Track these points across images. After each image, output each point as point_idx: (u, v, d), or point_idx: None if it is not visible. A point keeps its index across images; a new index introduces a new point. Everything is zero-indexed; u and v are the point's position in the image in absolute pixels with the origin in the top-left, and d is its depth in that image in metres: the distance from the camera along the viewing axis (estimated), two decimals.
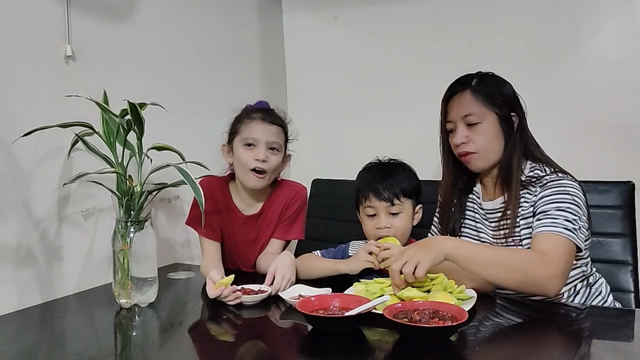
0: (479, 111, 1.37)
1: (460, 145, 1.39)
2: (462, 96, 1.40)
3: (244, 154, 1.50)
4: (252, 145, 1.50)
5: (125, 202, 1.28)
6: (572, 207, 1.28)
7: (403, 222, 1.42)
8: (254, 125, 1.51)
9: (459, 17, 2.09)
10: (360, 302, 1.13)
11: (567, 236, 1.25)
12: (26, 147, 1.35)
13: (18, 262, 1.37)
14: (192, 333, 1.20)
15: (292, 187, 1.61)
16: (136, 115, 1.25)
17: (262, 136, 1.50)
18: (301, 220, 1.61)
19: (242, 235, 1.58)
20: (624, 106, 1.86)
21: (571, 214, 1.27)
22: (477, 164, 1.40)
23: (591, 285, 1.41)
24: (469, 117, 1.37)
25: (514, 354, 1.02)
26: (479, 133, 1.37)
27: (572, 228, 1.26)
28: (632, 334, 1.15)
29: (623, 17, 1.85)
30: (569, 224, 1.26)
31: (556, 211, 1.28)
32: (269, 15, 2.34)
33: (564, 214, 1.28)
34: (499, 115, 1.38)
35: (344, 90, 2.32)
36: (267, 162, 1.49)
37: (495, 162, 1.40)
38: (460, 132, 1.39)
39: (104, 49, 1.58)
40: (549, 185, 1.33)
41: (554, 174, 1.36)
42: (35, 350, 1.10)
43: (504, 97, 1.40)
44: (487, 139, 1.37)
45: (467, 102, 1.39)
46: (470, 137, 1.38)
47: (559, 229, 1.25)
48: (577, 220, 1.27)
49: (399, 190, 1.41)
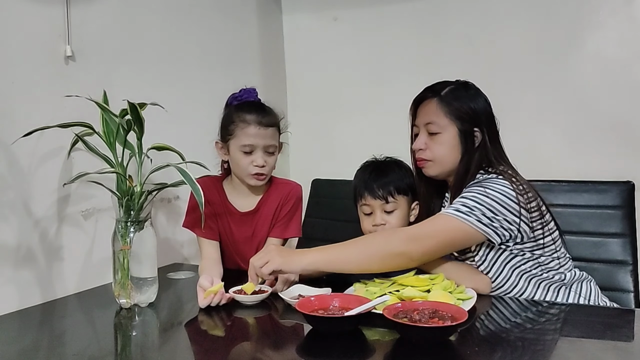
0: (441, 121, 1.39)
1: (417, 152, 1.43)
2: (429, 103, 1.42)
3: (242, 160, 1.50)
4: (250, 152, 1.50)
5: (125, 202, 1.28)
6: (478, 197, 1.28)
7: (398, 219, 1.42)
8: (250, 130, 1.49)
9: (459, 17, 2.09)
10: (360, 302, 1.13)
11: (454, 215, 1.26)
12: (26, 147, 1.35)
13: (18, 262, 1.37)
14: (191, 333, 1.20)
15: (287, 185, 1.61)
16: (136, 115, 1.26)
17: (260, 142, 1.50)
18: (298, 218, 1.62)
19: (239, 232, 1.58)
20: (624, 106, 1.86)
21: (471, 201, 1.28)
22: (430, 171, 1.42)
23: (569, 285, 1.39)
24: (430, 126, 1.40)
25: (513, 354, 1.02)
26: (437, 142, 1.39)
27: (467, 212, 1.26)
28: (632, 333, 1.15)
29: (623, 17, 1.85)
30: (463, 207, 1.27)
31: (457, 199, 1.31)
32: (269, 15, 2.34)
33: (461, 200, 1.29)
34: (460, 129, 1.38)
35: (344, 90, 2.32)
36: (266, 166, 1.51)
37: (450, 172, 1.41)
38: (420, 138, 1.42)
39: (103, 49, 1.58)
40: (471, 184, 1.35)
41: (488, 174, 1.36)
42: (35, 350, 1.10)
43: (470, 112, 1.39)
44: (444, 149, 1.39)
45: (432, 111, 1.40)
46: (428, 144, 1.40)
47: (448, 210, 1.28)
48: (478, 208, 1.26)
49: (393, 188, 1.42)
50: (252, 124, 1.49)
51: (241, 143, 1.49)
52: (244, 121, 1.50)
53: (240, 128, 1.50)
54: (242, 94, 1.57)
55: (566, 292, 1.38)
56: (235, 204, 1.59)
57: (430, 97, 1.42)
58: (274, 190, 1.60)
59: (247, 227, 1.59)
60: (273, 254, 1.28)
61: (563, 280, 1.38)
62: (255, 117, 1.50)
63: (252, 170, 1.50)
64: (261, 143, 1.50)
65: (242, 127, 1.50)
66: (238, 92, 1.57)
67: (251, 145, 1.49)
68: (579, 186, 1.61)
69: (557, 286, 1.37)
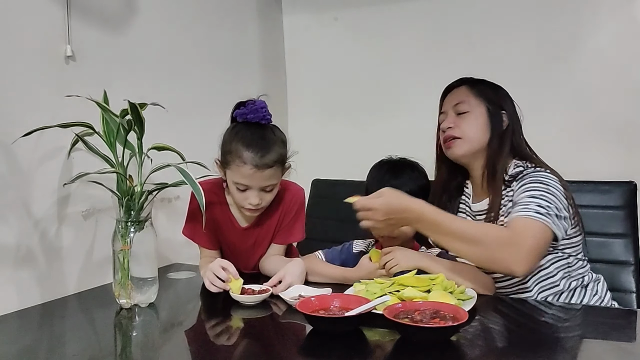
0: (470, 100, 1.43)
1: (446, 130, 1.44)
2: (457, 89, 1.48)
3: (236, 195, 1.42)
4: (244, 190, 1.41)
5: (126, 202, 1.28)
6: (546, 195, 1.28)
7: None
8: (246, 171, 1.37)
9: (459, 18, 2.09)
10: (361, 302, 1.13)
11: (540, 219, 1.24)
12: (26, 147, 1.35)
13: (18, 262, 1.37)
14: (192, 333, 1.20)
15: (288, 192, 1.53)
16: (136, 115, 1.25)
17: (255, 183, 1.39)
18: (301, 222, 1.57)
19: (240, 243, 1.55)
20: (625, 106, 1.85)
21: (544, 201, 1.27)
22: (457, 150, 1.43)
23: (585, 286, 1.40)
24: (460, 106, 1.43)
25: (514, 354, 1.02)
26: (466, 120, 1.42)
27: (545, 213, 1.25)
28: (635, 334, 1.14)
29: (623, 17, 1.85)
30: (540, 209, 1.26)
31: (528, 199, 1.29)
32: (269, 16, 2.34)
33: (536, 200, 1.28)
34: (489, 109, 1.42)
35: (344, 91, 2.32)
36: (262, 202, 1.43)
37: (477, 152, 1.42)
38: (449, 118, 1.45)
39: (104, 49, 1.58)
40: (524, 177, 1.34)
41: (533, 168, 1.36)
42: (35, 350, 1.10)
43: (498, 96, 1.45)
44: (474, 127, 1.41)
45: (461, 92, 1.46)
46: (457, 123, 1.43)
47: (530, 213, 1.26)
48: (551, 207, 1.26)
49: (405, 192, 1.40)
50: (248, 164, 1.36)
51: (235, 180, 1.40)
52: (240, 158, 1.37)
53: (236, 164, 1.38)
54: (248, 113, 1.42)
55: (583, 292, 1.39)
56: (236, 216, 1.53)
57: (458, 84, 1.49)
58: (273, 204, 1.50)
59: (249, 238, 1.55)
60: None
61: (583, 281, 1.39)
62: (252, 157, 1.36)
63: (246, 205, 1.43)
64: (257, 185, 1.39)
65: (238, 164, 1.38)
66: (245, 107, 1.43)
67: (245, 185, 1.40)
68: (581, 186, 1.60)
69: (578, 286, 1.37)
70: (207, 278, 1.36)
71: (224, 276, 1.33)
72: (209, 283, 1.35)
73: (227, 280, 1.33)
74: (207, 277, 1.36)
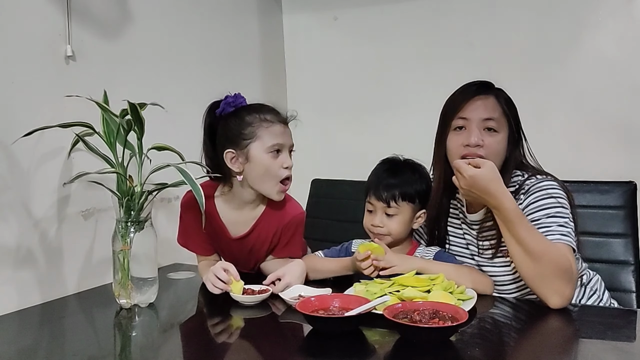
0: (500, 119, 1.33)
1: (474, 147, 1.31)
2: (486, 99, 1.34)
3: (272, 164, 1.39)
4: (279, 152, 1.40)
5: (126, 202, 1.28)
6: (561, 211, 1.27)
7: (397, 225, 1.40)
8: (277, 129, 1.39)
9: (459, 18, 2.09)
10: (360, 302, 1.13)
11: (567, 242, 1.24)
12: (26, 147, 1.35)
13: (18, 262, 1.37)
14: (191, 333, 1.20)
15: (287, 214, 1.47)
16: (136, 115, 1.25)
17: (287, 140, 1.41)
18: (299, 238, 1.52)
19: (237, 249, 1.52)
20: (625, 106, 1.85)
21: (562, 218, 1.26)
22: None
23: (585, 285, 1.40)
24: (490, 122, 1.31)
25: (513, 354, 1.02)
26: (493, 142, 1.32)
27: (567, 232, 1.25)
28: (634, 334, 1.14)
29: (623, 17, 1.85)
30: (563, 229, 1.25)
31: (547, 219, 1.26)
32: (269, 15, 2.34)
33: (555, 220, 1.26)
34: (510, 131, 1.34)
35: (344, 91, 2.32)
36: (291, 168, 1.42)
37: None
38: (475, 132, 1.31)
39: (104, 49, 1.58)
40: (531, 190, 1.31)
41: (533, 177, 1.34)
42: (35, 350, 1.10)
43: (517, 116, 1.37)
44: (499, 149, 1.32)
45: (490, 106, 1.33)
46: (485, 142, 1.31)
47: (556, 237, 1.23)
48: (567, 222, 1.26)
49: (399, 193, 1.39)
50: (275, 122, 1.40)
51: (268, 144, 1.38)
52: (266, 120, 1.40)
53: (264, 127, 1.39)
54: (236, 99, 1.44)
55: (582, 291, 1.39)
56: (228, 223, 1.48)
57: (486, 92, 1.35)
58: (272, 215, 1.47)
59: (243, 247, 1.51)
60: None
61: (582, 279, 1.39)
62: (276, 116, 1.42)
63: (283, 174, 1.40)
64: (288, 142, 1.42)
65: (267, 127, 1.39)
66: (230, 97, 1.44)
67: (280, 144, 1.39)
68: (581, 186, 1.60)
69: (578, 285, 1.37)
70: (208, 280, 1.36)
71: (225, 278, 1.33)
72: (210, 285, 1.35)
73: (228, 282, 1.33)
74: (209, 279, 1.36)
